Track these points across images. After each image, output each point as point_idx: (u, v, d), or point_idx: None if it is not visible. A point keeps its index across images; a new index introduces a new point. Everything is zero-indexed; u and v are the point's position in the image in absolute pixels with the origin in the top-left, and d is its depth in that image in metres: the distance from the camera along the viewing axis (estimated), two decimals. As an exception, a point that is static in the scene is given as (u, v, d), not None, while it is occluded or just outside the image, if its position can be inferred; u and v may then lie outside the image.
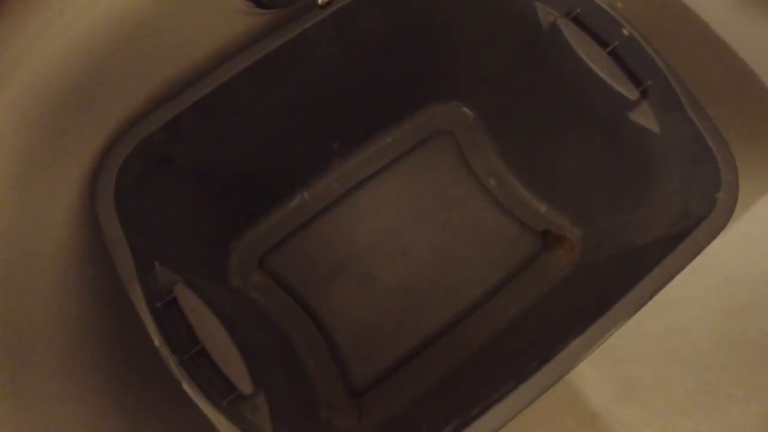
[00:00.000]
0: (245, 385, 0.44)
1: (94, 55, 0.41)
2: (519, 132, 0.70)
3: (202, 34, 0.48)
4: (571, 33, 0.53)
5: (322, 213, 0.73)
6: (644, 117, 0.52)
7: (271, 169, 0.65)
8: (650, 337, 0.71)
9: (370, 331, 0.70)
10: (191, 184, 0.57)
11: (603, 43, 0.53)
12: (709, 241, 0.47)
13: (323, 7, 0.47)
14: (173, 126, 0.48)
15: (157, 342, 0.43)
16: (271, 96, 0.54)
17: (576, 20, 0.53)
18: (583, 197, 0.66)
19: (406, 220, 0.73)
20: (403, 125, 0.74)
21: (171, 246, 0.53)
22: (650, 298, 0.44)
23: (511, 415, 0.42)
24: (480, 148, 0.74)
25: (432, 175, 0.75)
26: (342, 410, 0.67)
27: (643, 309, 0.44)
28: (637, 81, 0.52)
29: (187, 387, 0.42)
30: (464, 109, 0.75)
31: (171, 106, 0.48)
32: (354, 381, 0.67)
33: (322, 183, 0.73)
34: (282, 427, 0.46)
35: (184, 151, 0.51)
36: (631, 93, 0.51)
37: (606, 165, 0.59)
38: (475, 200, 0.73)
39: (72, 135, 0.44)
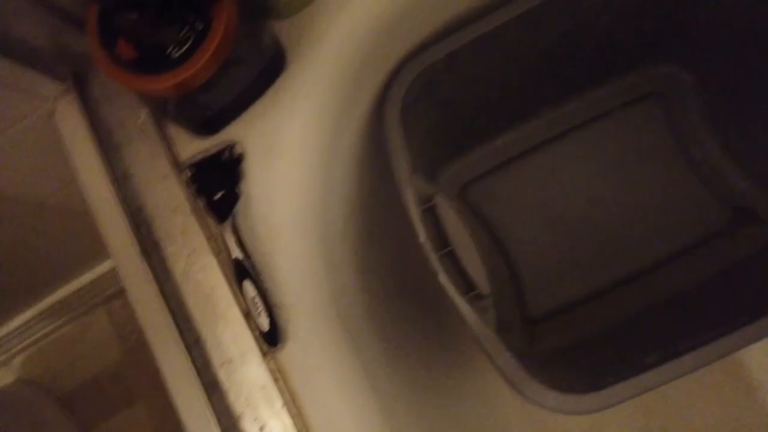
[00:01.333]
0: (483, 286, 0.53)
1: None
2: (739, 106, 0.71)
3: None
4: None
5: (524, 155, 0.79)
6: None
7: (497, 105, 0.71)
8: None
9: (550, 269, 0.76)
10: (438, 110, 0.64)
11: None
12: None
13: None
14: (452, 57, 0.56)
15: (422, 238, 0.52)
16: (530, 41, 0.60)
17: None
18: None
19: (602, 173, 0.78)
20: (619, 81, 0.77)
21: (419, 162, 0.61)
22: None
23: (717, 358, 0.47)
24: (692, 115, 0.76)
25: (636, 135, 0.78)
26: (516, 334, 0.75)
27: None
28: None
29: (442, 279, 0.51)
30: (684, 73, 0.76)
31: (454, 40, 0.55)
32: (530, 310, 0.75)
33: (530, 126, 0.78)
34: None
35: (451, 79, 0.59)
36: None
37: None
38: (675, 166, 0.76)
39: (379, 55, 0.53)
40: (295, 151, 0.51)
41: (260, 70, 0.47)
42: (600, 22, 0.62)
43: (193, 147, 0.52)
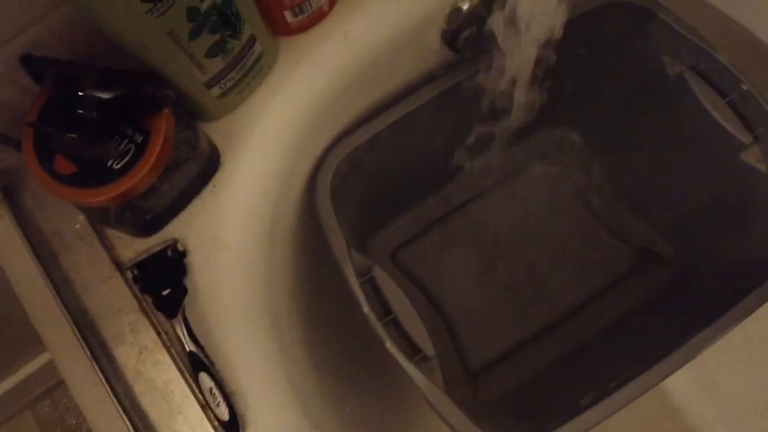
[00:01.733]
0: (428, 348, 0.56)
1: (338, 87, 0.55)
2: (626, 158, 0.81)
3: (402, 69, 0.60)
4: (696, 84, 0.64)
5: (447, 216, 0.85)
6: (754, 158, 0.63)
7: (418, 174, 0.77)
8: (729, 346, 0.81)
9: (483, 321, 0.81)
10: (365, 186, 0.69)
11: (722, 94, 0.63)
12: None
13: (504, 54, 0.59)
14: (374, 140, 0.61)
15: (365, 309, 0.55)
16: (439, 120, 0.66)
17: (700, 73, 0.64)
18: (682, 220, 0.76)
19: (518, 227, 0.84)
20: (521, 144, 0.85)
21: (354, 235, 0.65)
22: (759, 306, 0.55)
23: (643, 391, 0.53)
24: (586, 170, 0.85)
25: (541, 190, 0.86)
26: (460, 388, 0.78)
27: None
28: (750, 127, 0.62)
29: (389, 346, 0.54)
30: (574, 135, 0.86)
31: (376, 124, 0.61)
32: (470, 363, 0.79)
33: (450, 189, 0.85)
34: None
35: (372, 159, 0.64)
36: (745, 137, 0.62)
37: (712, 192, 0.70)
38: (581, 215, 0.84)
39: (305, 146, 0.57)
40: (237, 240, 0.53)
41: (198, 171, 0.50)
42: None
43: (134, 247, 0.53)
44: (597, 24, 0.64)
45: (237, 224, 0.53)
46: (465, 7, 0.57)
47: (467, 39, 0.60)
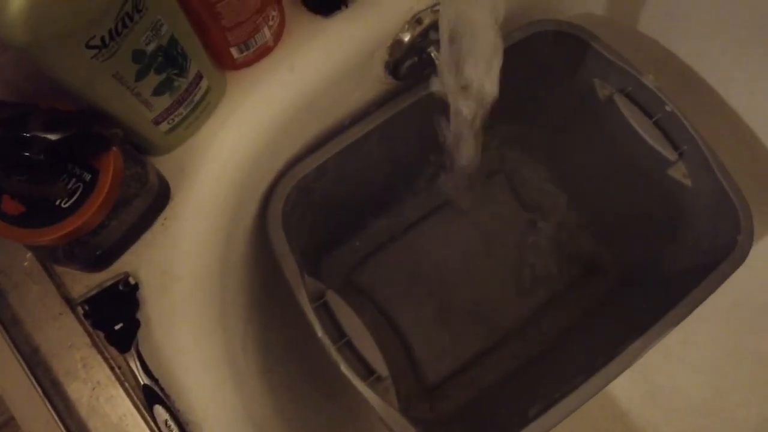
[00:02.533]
0: (382, 369, 0.58)
1: (285, 118, 0.56)
2: (569, 176, 0.85)
3: (349, 99, 0.63)
4: (624, 105, 0.68)
5: (399, 235, 0.87)
6: (680, 174, 0.67)
7: (369, 197, 0.79)
8: (669, 350, 0.86)
9: (437, 336, 0.84)
10: (316, 211, 0.70)
11: (649, 115, 0.68)
12: (732, 272, 0.61)
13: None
14: (322, 168, 0.63)
15: (319, 333, 0.56)
16: (386, 146, 0.69)
17: (628, 95, 0.68)
18: (621, 232, 0.80)
19: (468, 242, 0.87)
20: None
21: (307, 260, 0.67)
22: (689, 313, 0.59)
23: (587, 398, 0.56)
24: (529, 186, 0.89)
25: (487, 209, 0.89)
26: (416, 404, 0.80)
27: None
28: (675, 145, 0.67)
29: (344, 369, 0.55)
30: (519, 154, 0.89)
31: (322, 153, 0.62)
32: (426, 378, 0.81)
33: (401, 208, 0.87)
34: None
35: (321, 186, 0.65)
36: (670, 155, 0.66)
37: (644, 207, 0.74)
38: (525, 231, 0.88)
39: (255, 176, 0.59)
40: (189, 271, 0.54)
41: (148, 205, 0.51)
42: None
43: (85, 283, 0.54)
44: (531, 51, 0.67)
45: (189, 255, 0.54)
46: (406, 39, 0.60)
47: (410, 68, 0.63)
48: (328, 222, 0.77)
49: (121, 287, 0.53)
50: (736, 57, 0.69)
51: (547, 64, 0.71)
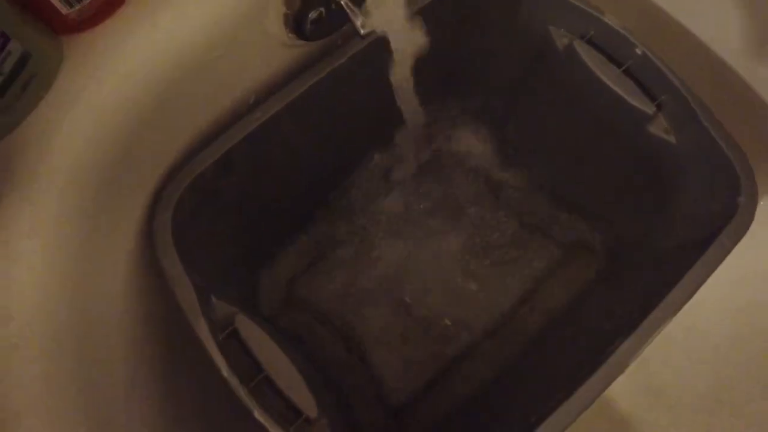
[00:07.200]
0: (311, 409, 0.46)
1: (155, 94, 0.43)
2: (533, 145, 0.73)
3: (247, 69, 0.50)
4: (587, 54, 0.56)
5: (343, 237, 0.75)
6: (661, 129, 0.56)
7: (301, 196, 0.67)
8: (670, 339, 0.74)
9: (400, 352, 0.71)
10: (232, 216, 0.58)
11: (617, 63, 0.56)
12: (735, 243, 0.50)
13: (363, 37, 0.50)
14: (224, 161, 0.50)
15: (225, 374, 0.44)
16: (308, 129, 0.57)
17: (590, 42, 0.57)
18: (603, 204, 0.69)
19: (424, 241, 0.75)
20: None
21: (219, 279, 0.54)
22: (690, 297, 0.47)
23: (574, 418, 0.44)
24: (495, 162, 0.77)
25: (445, 191, 0.77)
26: (381, 428, 0.68)
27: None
28: (652, 96, 0.55)
29: (258, 416, 0.43)
30: (472, 125, 0.77)
31: (221, 142, 0.50)
32: (391, 399, 0.68)
33: (342, 206, 0.75)
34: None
35: (231, 184, 0.53)
36: (647, 107, 0.54)
37: (625, 174, 0.63)
38: (492, 212, 0.76)
39: (127, 179, 0.46)
40: (24, 310, 0.41)
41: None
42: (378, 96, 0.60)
43: None
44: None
45: (22, 284, 0.41)
46: (303, -17, 0.48)
47: (316, 23, 0.51)
48: (255, 228, 0.65)
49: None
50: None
51: (485, 13, 0.59)
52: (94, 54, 0.42)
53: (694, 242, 0.53)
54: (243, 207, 0.59)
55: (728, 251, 0.49)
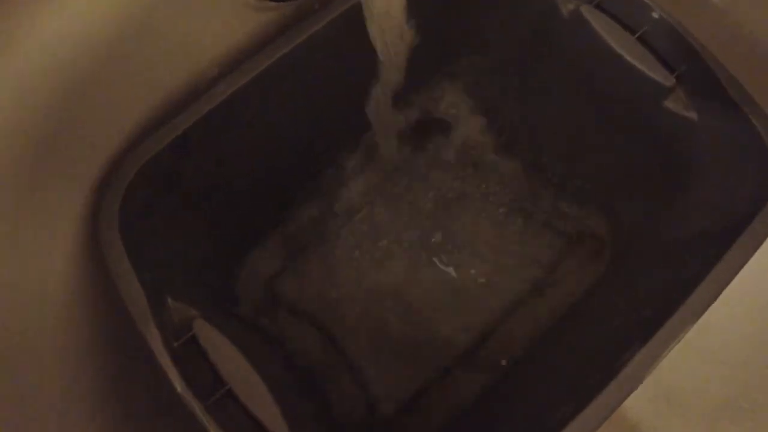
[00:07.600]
0: (279, 428, 0.39)
1: (86, 66, 0.36)
2: (533, 126, 0.67)
3: (207, 35, 0.43)
4: (596, 20, 0.50)
5: (324, 229, 0.69)
6: (680, 104, 0.49)
7: (274, 183, 0.61)
8: (682, 339, 0.68)
9: (389, 354, 0.65)
10: (197, 206, 0.52)
11: (631, 29, 0.50)
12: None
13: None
14: (180, 143, 0.44)
15: (179, 388, 0.38)
16: (280, 103, 0.50)
17: (599, 7, 0.50)
18: (612, 192, 0.62)
19: (414, 234, 0.69)
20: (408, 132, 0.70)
21: (181, 278, 0.48)
22: (717, 296, 0.41)
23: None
24: (490, 144, 0.70)
25: (439, 184, 0.71)
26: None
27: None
28: (670, 66, 0.49)
29: (216, 437, 0.37)
30: (467, 99, 0.71)
31: (177, 122, 0.43)
32: (381, 407, 0.62)
33: (322, 194, 0.68)
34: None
35: (192, 170, 0.47)
36: (666, 79, 0.48)
37: (637, 156, 0.57)
38: (488, 204, 0.69)
39: (65, 163, 0.39)
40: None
41: None
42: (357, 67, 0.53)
43: None
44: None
45: None
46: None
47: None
48: (226, 221, 0.59)
49: None
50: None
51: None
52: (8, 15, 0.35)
53: (711, 234, 0.47)
54: (209, 197, 0.52)
55: (761, 242, 0.43)
